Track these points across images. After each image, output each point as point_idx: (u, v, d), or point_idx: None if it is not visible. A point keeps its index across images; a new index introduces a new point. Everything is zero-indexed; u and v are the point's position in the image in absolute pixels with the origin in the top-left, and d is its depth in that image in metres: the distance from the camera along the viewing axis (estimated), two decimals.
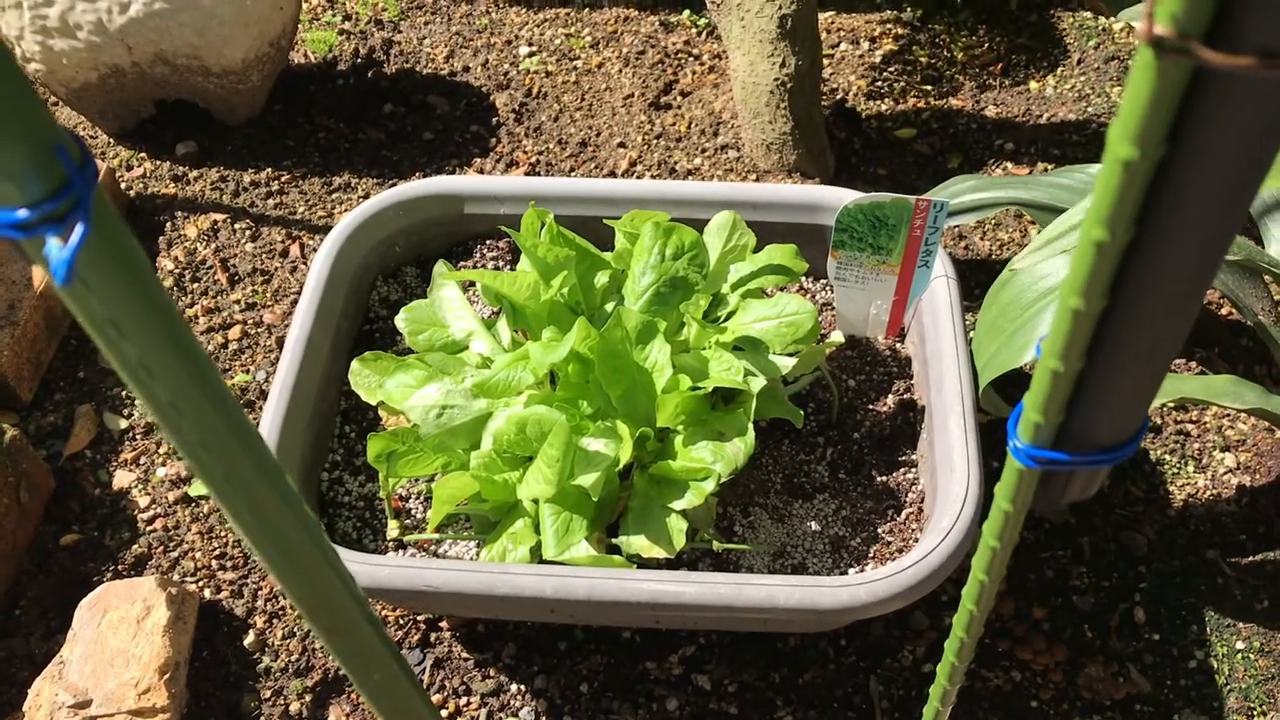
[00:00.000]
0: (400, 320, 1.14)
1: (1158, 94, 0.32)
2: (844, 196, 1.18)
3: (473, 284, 1.26)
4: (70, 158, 0.34)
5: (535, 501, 1.01)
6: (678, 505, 0.99)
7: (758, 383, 1.03)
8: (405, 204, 1.25)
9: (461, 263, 1.29)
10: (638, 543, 0.99)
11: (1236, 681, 1.15)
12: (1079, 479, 0.50)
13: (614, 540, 1.03)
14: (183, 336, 0.40)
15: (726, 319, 1.12)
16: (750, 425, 1.00)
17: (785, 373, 1.07)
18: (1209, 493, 1.28)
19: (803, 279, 1.28)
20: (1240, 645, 1.17)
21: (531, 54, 1.83)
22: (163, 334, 0.39)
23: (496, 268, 1.28)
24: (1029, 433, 0.47)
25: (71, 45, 1.53)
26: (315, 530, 0.51)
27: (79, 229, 0.35)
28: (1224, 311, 1.45)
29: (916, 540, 1.04)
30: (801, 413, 1.09)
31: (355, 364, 1.10)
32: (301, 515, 0.50)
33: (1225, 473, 1.29)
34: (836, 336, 1.18)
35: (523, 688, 1.14)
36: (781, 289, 1.24)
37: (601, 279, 1.12)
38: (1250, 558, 1.23)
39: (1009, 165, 1.65)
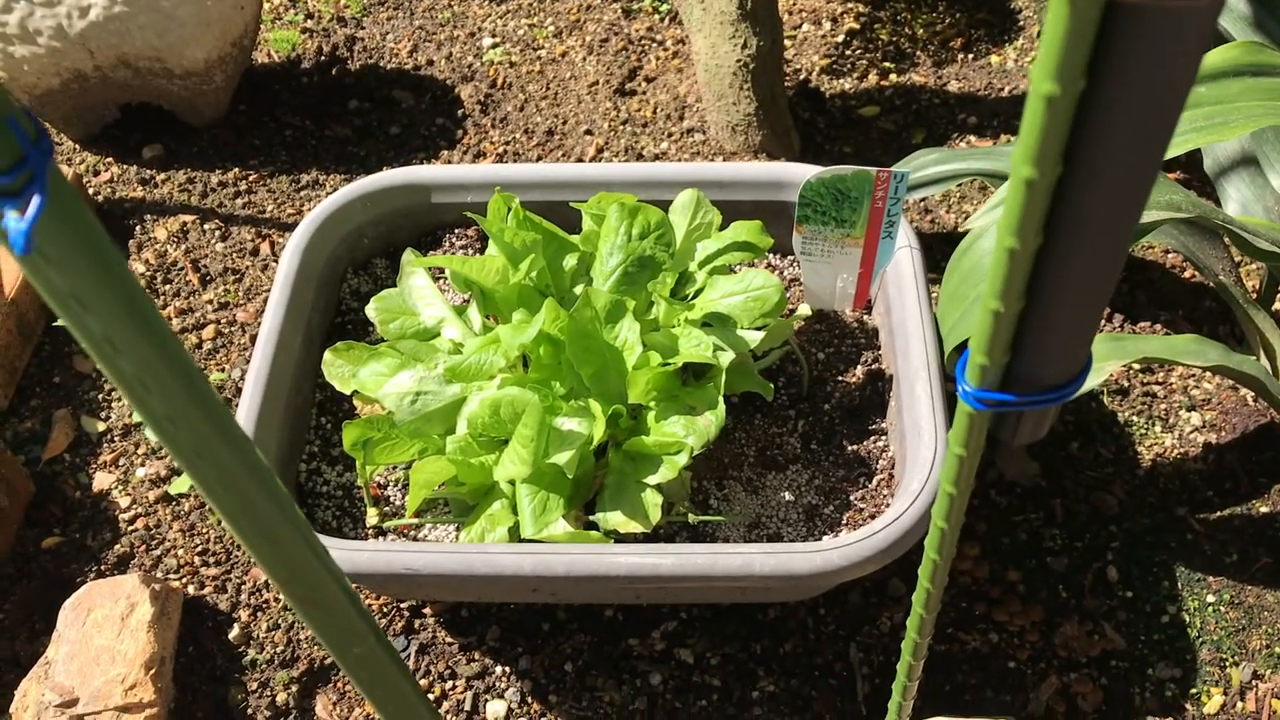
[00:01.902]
0: (371, 310, 1.15)
1: (1073, 28, 0.33)
2: (807, 172, 1.20)
3: (443, 272, 1.27)
4: (24, 132, 0.35)
5: (512, 483, 1.02)
6: (652, 480, 1.00)
7: (726, 357, 1.04)
8: (371, 196, 1.25)
9: (430, 251, 1.30)
10: (614, 518, 1.01)
11: (1209, 634, 1.17)
12: (1029, 420, 0.52)
13: (591, 517, 1.04)
14: (145, 310, 0.41)
15: (694, 296, 1.13)
16: (720, 398, 1.02)
17: (753, 346, 1.08)
18: (1177, 451, 1.30)
19: (770, 255, 1.30)
20: (1211, 598, 1.19)
21: (495, 45, 1.83)
22: (124, 307, 0.40)
23: (466, 255, 1.29)
24: (975, 376, 0.48)
25: (32, 51, 1.53)
26: (287, 502, 0.52)
27: (36, 201, 0.36)
28: (1187, 274, 1.47)
29: (888, 505, 1.06)
30: (772, 386, 1.10)
31: (328, 355, 1.11)
32: (272, 487, 0.50)
33: (1192, 431, 1.32)
34: (804, 309, 1.19)
35: (507, 669, 1.15)
36: (750, 265, 1.25)
37: (570, 261, 1.13)
38: (1218, 513, 1.25)
39: (972, 138, 1.66)
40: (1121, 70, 0.34)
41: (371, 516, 1.09)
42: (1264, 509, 1.25)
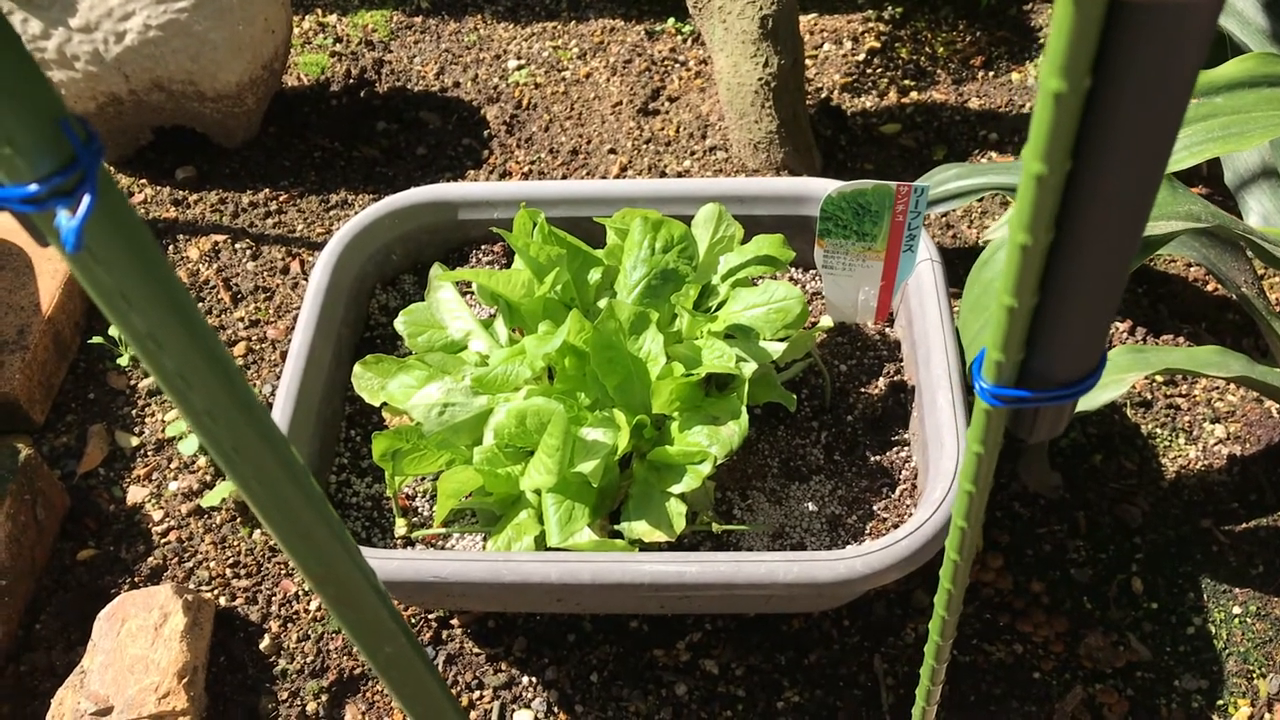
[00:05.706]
0: (399, 323, 1.16)
1: (1078, 26, 0.34)
2: (827, 187, 1.21)
3: (470, 287, 1.29)
4: (75, 134, 0.37)
5: (538, 492, 1.04)
6: (676, 489, 1.01)
7: (749, 367, 1.05)
8: (399, 213, 1.27)
9: (457, 267, 1.32)
10: (639, 528, 1.02)
11: (1235, 645, 1.16)
12: (1046, 416, 0.52)
13: (616, 527, 1.05)
14: (187, 308, 0.42)
15: (717, 309, 1.15)
16: (743, 408, 1.03)
17: (776, 357, 1.09)
18: (1201, 463, 1.30)
19: (792, 270, 1.31)
20: (1237, 610, 1.19)
21: (520, 67, 1.86)
22: (167, 305, 0.42)
23: (493, 270, 1.30)
24: (992, 372, 0.49)
25: (70, 76, 1.56)
26: (320, 500, 0.54)
27: (86, 200, 0.37)
28: (1210, 287, 1.47)
29: (911, 514, 1.06)
30: (795, 397, 1.11)
31: (358, 367, 1.13)
32: (306, 484, 0.52)
33: (1216, 443, 1.32)
34: (825, 322, 1.21)
35: (534, 679, 1.16)
36: (773, 278, 1.26)
37: (594, 275, 1.15)
38: (1243, 524, 1.25)
39: (993, 155, 1.67)
40: (1126, 67, 0.36)
41: (400, 527, 1.11)
42: None
